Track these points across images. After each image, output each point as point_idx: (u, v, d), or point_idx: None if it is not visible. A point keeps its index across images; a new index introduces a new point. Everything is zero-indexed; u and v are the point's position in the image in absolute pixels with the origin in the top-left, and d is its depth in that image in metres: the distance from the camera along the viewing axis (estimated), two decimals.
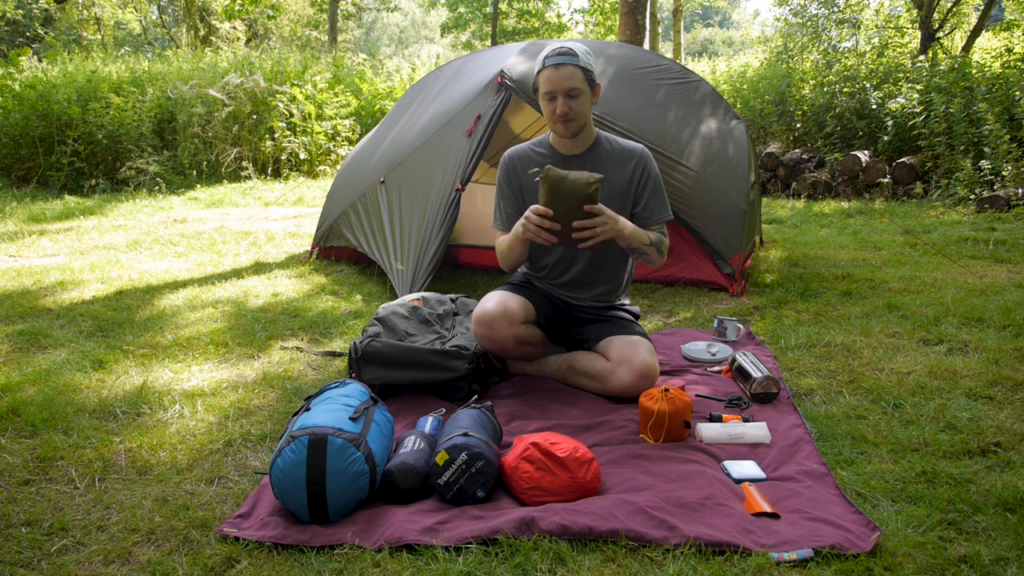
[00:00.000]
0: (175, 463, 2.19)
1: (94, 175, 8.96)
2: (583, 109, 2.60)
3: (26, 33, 18.39)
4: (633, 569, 1.64)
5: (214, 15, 17.83)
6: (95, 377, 2.86)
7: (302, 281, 4.44)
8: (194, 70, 10.28)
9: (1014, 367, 2.83)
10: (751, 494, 1.92)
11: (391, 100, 10.95)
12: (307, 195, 8.48)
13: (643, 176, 2.71)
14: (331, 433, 1.86)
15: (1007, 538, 1.73)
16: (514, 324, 2.63)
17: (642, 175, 2.71)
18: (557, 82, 2.55)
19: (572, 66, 2.55)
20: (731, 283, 4.03)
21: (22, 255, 5.29)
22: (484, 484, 1.92)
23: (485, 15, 22.01)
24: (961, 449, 2.18)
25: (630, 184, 2.70)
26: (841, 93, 8.96)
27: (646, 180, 2.71)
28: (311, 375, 2.94)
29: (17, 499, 1.98)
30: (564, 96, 2.56)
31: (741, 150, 4.36)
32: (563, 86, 2.55)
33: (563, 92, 2.56)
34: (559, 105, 2.57)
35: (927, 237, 5.50)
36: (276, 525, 1.82)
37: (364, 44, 25.87)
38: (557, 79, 2.55)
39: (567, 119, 2.59)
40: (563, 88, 2.55)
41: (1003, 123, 7.28)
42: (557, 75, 2.55)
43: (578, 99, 2.58)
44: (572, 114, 2.59)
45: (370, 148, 4.86)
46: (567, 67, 2.55)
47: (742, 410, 2.49)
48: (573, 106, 2.57)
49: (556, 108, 2.58)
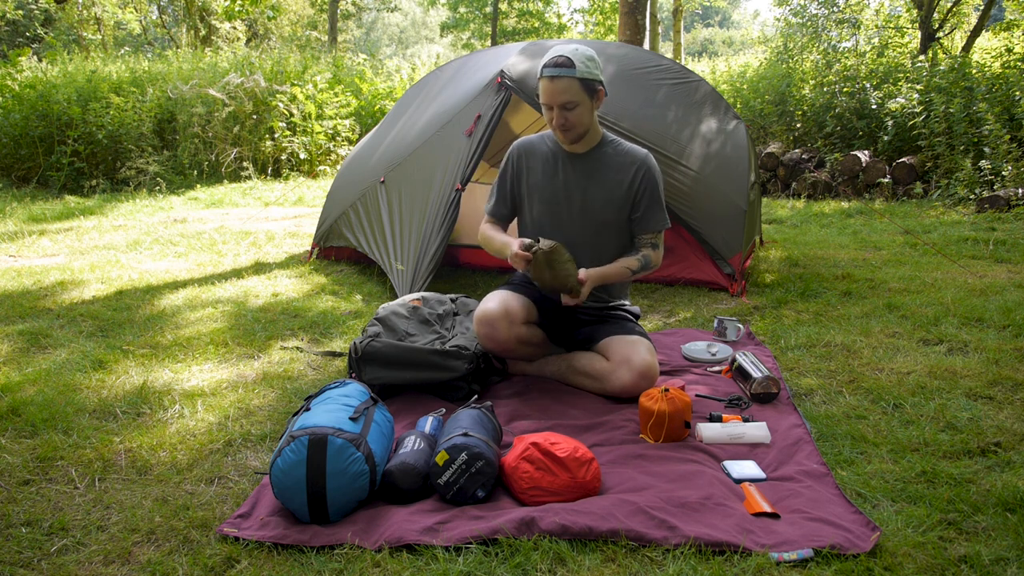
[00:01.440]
0: (175, 463, 2.19)
1: (94, 175, 8.96)
2: (580, 119, 2.60)
3: (26, 33, 18.38)
4: (633, 569, 1.64)
5: (214, 15, 17.82)
6: (95, 377, 2.86)
7: (302, 281, 4.44)
8: (194, 70, 10.27)
9: (1014, 367, 2.83)
10: (751, 494, 1.92)
11: (391, 100, 10.94)
12: (307, 195, 8.48)
13: (643, 183, 2.70)
14: (331, 433, 1.86)
15: (1007, 538, 1.73)
16: (515, 324, 2.64)
17: (642, 182, 2.70)
18: (552, 95, 2.55)
19: (568, 79, 2.52)
20: (731, 283, 4.03)
21: (22, 255, 5.29)
22: (484, 484, 1.92)
23: (485, 15, 21.99)
24: (961, 449, 2.18)
25: (630, 189, 2.70)
26: (841, 93, 8.96)
27: (646, 188, 2.71)
28: (311, 375, 2.94)
29: (17, 499, 1.98)
30: (559, 108, 2.56)
31: (741, 150, 4.36)
32: (558, 99, 2.55)
33: (558, 105, 2.56)
34: (555, 116, 2.59)
35: (927, 237, 5.50)
36: (276, 525, 1.82)
37: (364, 44, 25.87)
38: (552, 92, 2.55)
39: (564, 129, 2.61)
40: (558, 101, 2.55)
41: (1003, 123, 7.28)
42: (552, 88, 2.54)
43: (574, 110, 2.57)
44: (568, 124, 2.59)
45: (370, 148, 4.86)
46: (562, 80, 2.52)
47: (742, 410, 2.49)
48: (569, 117, 2.58)
49: (553, 119, 2.60)
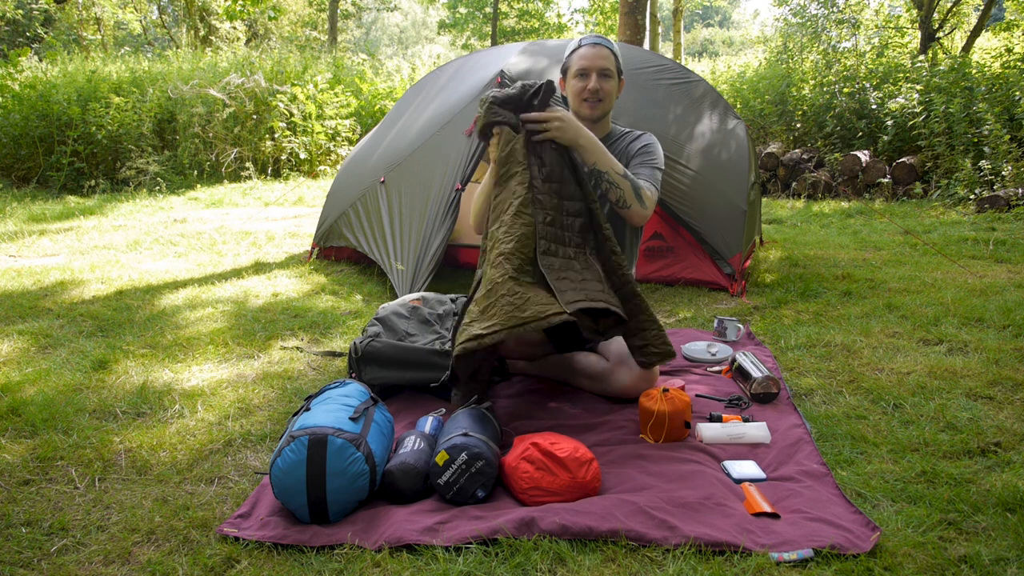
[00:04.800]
0: (175, 463, 2.18)
1: (94, 175, 8.96)
2: (611, 92, 2.69)
3: (26, 33, 18.39)
4: (633, 569, 1.64)
5: (214, 15, 17.83)
6: (95, 377, 2.86)
7: (302, 281, 4.44)
8: (194, 70, 10.27)
9: (1014, 367, 2.83)
10: (751, 494, 1.92)
11: (391, 100, 10.94)
12: (307, 195, 8.48)
13: (640, 144, 2.73)
14: (331, 433, 1.86)
15: (1007, 538, 1.73)
16: None
17: (640, 144, 2.73)
18: (593, 59, 2.65)
19: (608, 49, 2.67)
20: (731, 283, 4.03)
21: (22, 255, 5.29)
22: (484, 484, 1.92)
23: (485, 15, 21.99)
24: (961, 449, 2.17)
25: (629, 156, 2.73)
26: (841, 93, 8.96)
27: (641, 146, 2.73)
28: (311, 375, 2.94)
29: (17, 499, 1.98)
30: (597, 74, 2.65)
31: (741, 150, 4.36)
32: (598, 64, 2.65)
33: (597, 70, 2.65)
34: (591, 81, 2.65)
35: (927, 237, 5.50)
36: (276, 525, 1.82)
37: (364, 44, 25.83)
38: (593, 56, 2.65)
39: (596, 98, 2.67)
40: (598, 66, 2.65)
41: (1003, 123, 7.28)
42: (593, 52, 2.66)
43: (609, 81, 2.67)
44: (602, 93, 2.67)
45: (370, 148, 4.86)
46: (603, 48, 2.67)
47: (742, 410, 2.49)
48: (604, 86, 2.66)
49: (588, 84, 2.65)
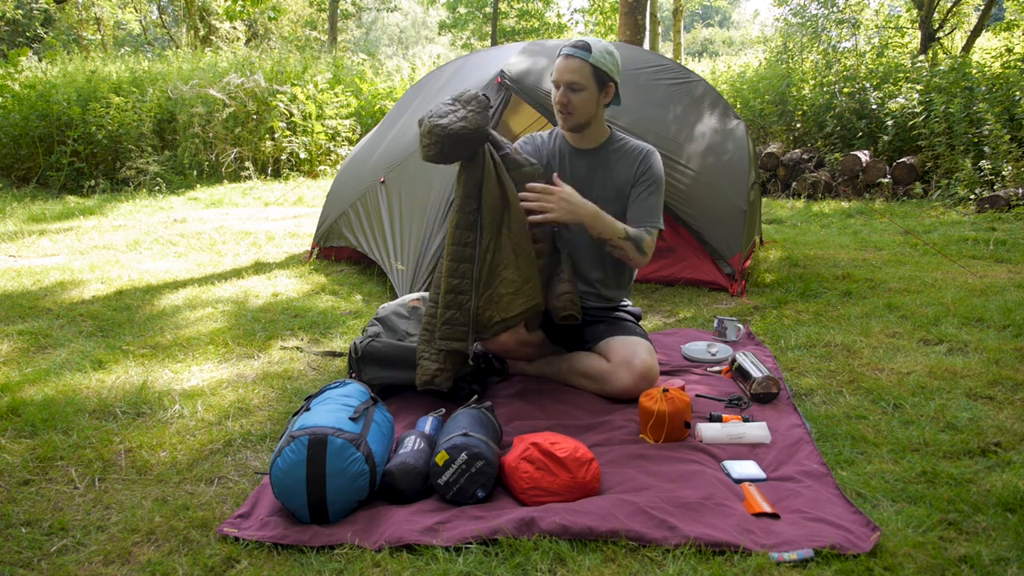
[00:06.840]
0: (175, 463, 2.18)
1: (94, 175, 8.96)
2: (583, 105, 2.58)
3: (26, 33, 18.37)
4: (633, 569, 1.64)
5: (214, 15, 17.82)
6: (95, 377, 2.86)
7: (302, 281, 4.44)
8: (194, 70, 10.27)
9: (1014, 367, 2.82)
10: (751, 494, 1.92)
11: (391, 100, 10.94)
12: (307, 195, 8.48)
13: (643, 173, 2.68)
14: (331, 433, 1.86)
15: (1007, 538, 1.73)
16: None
17: (643, 173, 2.68)
18: (560, 72, 2.57)
19: (580, 60, 2.54)
20: (731, 283, 4.03)
21: (22, 255, 5.29)
22: (484, 484, 1.92)
23: (485, 15, 21.99)
24: (961, 449, 2.17)
25: (628, 182, 2.69)
26: (841, 93, 8.96)
27: (642, 176, 2.67)
28: (311, 375, 2.94)
29: (17, 499, 1.98)
30: (565, 87, 2.57)
31: (741, 150, 4.36)
32: (564, 78, 2.56)
33: (564, 83, 2.56)
34: (559, 95, 2.58)
35: (927, 237, 5.50)
36: (276, 525, 1.82)
37: (364, 44, 25.83)
38: (561, 69, 2.57)
39: (564, 111, 2.60)
40: (564, 79, 2.56)
41: (1003, 123, 7.28)
42: (563, 65, 2.57)
43: (578, 94, 2.56)
44: (570, 107, 2.58)
45: (370, 148, 4.86)
46: (575, 60, 2.55)
47: (742, 410, 2.49)
48: (572, 99, 2.57)
49: (556, 97, 2.59)
